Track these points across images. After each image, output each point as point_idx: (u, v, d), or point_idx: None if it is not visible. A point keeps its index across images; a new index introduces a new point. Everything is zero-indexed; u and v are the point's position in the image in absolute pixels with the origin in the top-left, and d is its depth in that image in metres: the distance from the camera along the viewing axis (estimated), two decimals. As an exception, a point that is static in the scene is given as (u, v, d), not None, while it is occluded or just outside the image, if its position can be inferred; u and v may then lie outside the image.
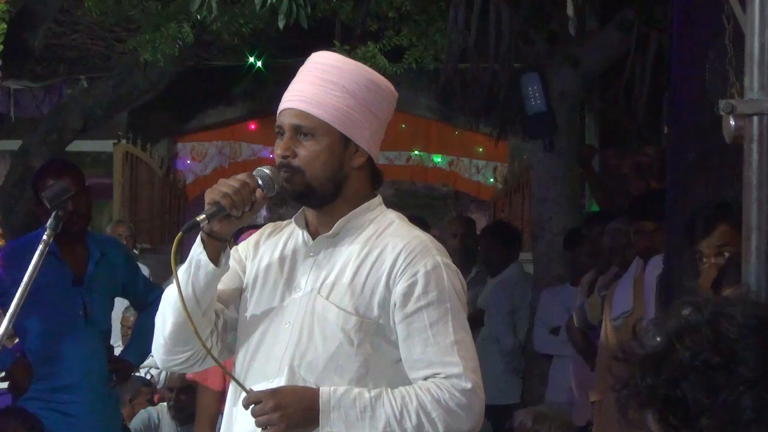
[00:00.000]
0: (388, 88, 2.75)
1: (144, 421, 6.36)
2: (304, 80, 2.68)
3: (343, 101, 2.64)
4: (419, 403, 2.56)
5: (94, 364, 4.58)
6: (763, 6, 2.49)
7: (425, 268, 2.61)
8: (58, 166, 4.73)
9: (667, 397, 1.40)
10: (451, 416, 2.57)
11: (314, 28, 5.75)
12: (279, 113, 2.69)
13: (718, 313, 1.41)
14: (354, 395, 2.55)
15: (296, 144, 2.63)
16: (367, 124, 2.68)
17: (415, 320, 2.60)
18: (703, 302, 1.45)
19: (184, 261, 2.66)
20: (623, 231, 5.68)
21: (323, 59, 2.71)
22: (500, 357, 6.90)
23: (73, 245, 4.57)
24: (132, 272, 4.79)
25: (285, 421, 2.53)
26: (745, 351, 1.38)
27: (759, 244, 2.46)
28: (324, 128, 2.63)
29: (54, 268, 4.39)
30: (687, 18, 4.34)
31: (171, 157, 12.08)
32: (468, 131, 10.96)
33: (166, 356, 2.73)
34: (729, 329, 1.39)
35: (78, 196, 4.33)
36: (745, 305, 1.43)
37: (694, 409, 1.37)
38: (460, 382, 2.58)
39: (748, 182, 2.48)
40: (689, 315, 1.44)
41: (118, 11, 8.11)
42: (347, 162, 2.67)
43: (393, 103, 2.77)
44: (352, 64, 2.73)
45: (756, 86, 2.50)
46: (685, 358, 1.39)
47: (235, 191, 2.56)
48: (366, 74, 2.71)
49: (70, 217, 4.38)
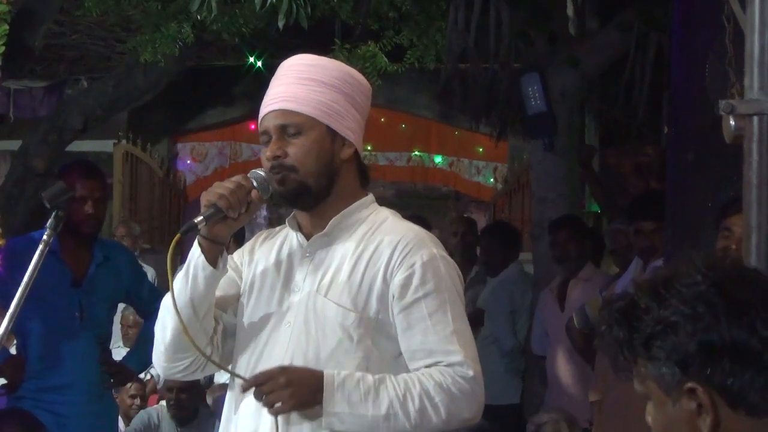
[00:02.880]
0: (364, 82, 2.76)
1: (144, 421, 6.36)
2: (281, 83, 2.69)
3: (324, 95, 2.64)
4: (422, 387, 2.57)
5: (88, 367, 4.57)
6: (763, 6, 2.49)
7: (422, 260, 2.61)
8: (89, 166, 4.81)
9: (630, 339, 1.68)
10: (453, 402, 2.57)
11: (314, 28, 5.75)
12: (261, 119, 2.69)
13: (678, 274, 1.67)
14: (358, 378, 2.56)
15: (285, 144, 2.63)
16: (350, 117, 2.68)
17: (414, 311, 2.60)
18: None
19: (183, 263, 2.66)
20: (623, 231, 5.69)
21: (296, 61, 2.72)
22: (500, 357, 6.90)
23: (78, 247, 4.58)
24: (137, 279, 4.79)
25: (295, 398, 2.53)
26: (675, 298, 1.65)
27: (759, 243, 2.46)
28: (310, 123, 2.63)
29: (54, 268, 4.40)
30: (687, 18, 4.34)
31: (171, 158, 12.08)
32: (468, 131, 10.95)
33: (166, 364, 2.73)
34: (680, 288, 1.65)
35: (100, 202, 4.53)
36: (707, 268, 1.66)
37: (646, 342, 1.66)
38: (463, 369, 2.59)
39: (748, 182, 2.49)
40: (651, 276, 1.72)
41: (118, 11, 8.11)
42: (337, 155, 2.67)
43: (369, 97, 2.78)
44: (326, 61, 2.74)
45: (756, 86, 2.50)
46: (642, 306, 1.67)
47: (230, 192, 2.56)
48: (342, 68, 2.73)
49: (87, 220, 4.46)
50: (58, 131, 9.05)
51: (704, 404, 1.61)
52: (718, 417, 1.61)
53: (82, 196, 4.48)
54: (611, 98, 7.43)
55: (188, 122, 12.01)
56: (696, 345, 1.61)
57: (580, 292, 6.16)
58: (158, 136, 11.75)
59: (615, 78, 7.12)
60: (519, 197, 10.85)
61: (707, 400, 1.61)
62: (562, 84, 6.88)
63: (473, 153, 11.99)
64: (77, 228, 4.49)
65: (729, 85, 2.94)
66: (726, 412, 1.62)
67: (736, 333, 1.60)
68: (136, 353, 4.84)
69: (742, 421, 1.62)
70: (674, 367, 1.63)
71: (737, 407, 1.61)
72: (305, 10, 5.24)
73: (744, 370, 1.60)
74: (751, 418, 1.62)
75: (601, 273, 6.44)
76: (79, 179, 4.51)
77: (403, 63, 8.25)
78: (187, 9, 6.40)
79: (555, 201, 6.98)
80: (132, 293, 4.77)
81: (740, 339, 1.60)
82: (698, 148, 4.20)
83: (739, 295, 1.63)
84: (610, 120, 8.60)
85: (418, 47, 8.05)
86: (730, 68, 2.97)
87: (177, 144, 12.24)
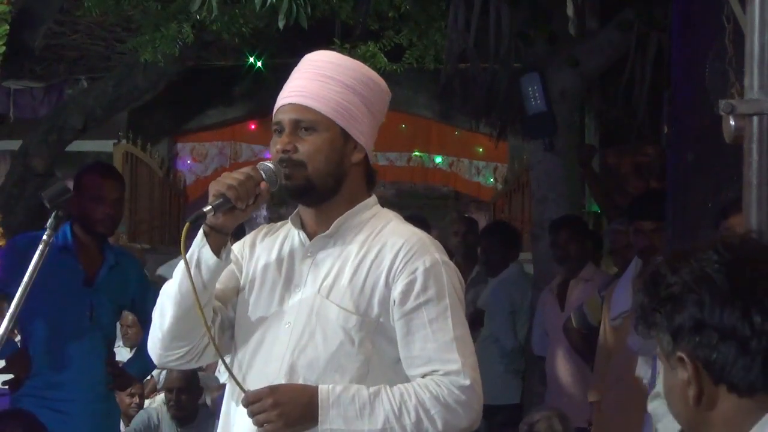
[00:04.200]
0: (384, 87, 2.75)
1: (144, 421, 6.36)
2: (301, 77, 2.68)
3: (342, 96, 2.63)
4: (418, 400, 2.56)
5: (94, 366, 4.59)
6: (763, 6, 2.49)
7: (424, 266, 2.60)
8: (107, 167, 5.02)
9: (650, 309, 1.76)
10: (449, 413, 2.56)
11: (314, 28, 5.75)
12: (277, 110, 2.68)
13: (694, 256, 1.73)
14: (353, 392, 2.55)
15: (297, 139, 2.63)
16: (365, 121, 2.68)
17: (415, 317, 2.59)
18: None
19: None
20: (624, 231, 5.68)
21: (320, 57, 2.72)
22: (500, 357, 6.90)
23: (90, 248, 4.63)
24: (143, 289, 4.81)
25: (284, 418, 2.52)
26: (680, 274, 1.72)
27: (759, 243, 2.46)
28: (325, 122, 2.62)
29: (68, 265, 4.51)
30: (687, 18, 4.34)
31: (171, 158, 12.08)
32: (468, 131, 10.96)
33: (163, 351, 2.72)
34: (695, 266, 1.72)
35: (117, 202, 4.63)
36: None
37: None
38: (459, 379, 2.57)
39: (748, 182, 2.49)
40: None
41: (118, 11, 8.11)
42: (347, 157, 2.66)
43: (387, 102, 2.77)
44: (349, 61, 2.73)
45: (756, 86, 2.50)
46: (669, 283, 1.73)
47: (240, 183, 2.55)
48: (363, 71, 2.71)
49: (104, 220, 4.51)
50: (58, 131, 9.05)
51: (690, 375, 1.69)
52: (702, 389, 1.69)
53: (102, 196, 4.55)
54: (611, 98, 7.41)
55: (188, 122, 12.02)
56: (688, 319, 1.68)
57: (581, 292, 6.17)
58: (158, 136, 11.76)
59: (615, 78, 7.11)
60: (519, 197, 10.86)
61: (693, 371, 1.69)
62: (562, 84, 6.87)
63: (473, 153, 12.00)
64: (94, 227, 4.58)
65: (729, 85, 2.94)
66: (709, 385, 1.69)
67: (728, 317, 1.66)
68: (137, 360, 4.86)
69: (724, 397, 1.69)
70: (669, 336, 1.71)
71: (719, 382, 1.68)
72: (305, 10, 5.23)
73: (728, 348, 1.66)
74: (732, 394, 1.68)
75: (601, 273, 6.44)
76: (99, 179, 4.59)
77: (402, 63, 8.26)
78: (187, 9, 6.40)
79: (555, 201, 6.98)
80: (137, 302, 4.79)
81: (730, 324, 1.66)
82: (698, 148, 4.20)
83: (744, 278, 1.67)
84: (610, 120, 8.59)
85: (417, 47, 8.06)
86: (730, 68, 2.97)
87: (177, 144, 12.25)
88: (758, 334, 1.65)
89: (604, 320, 5.40)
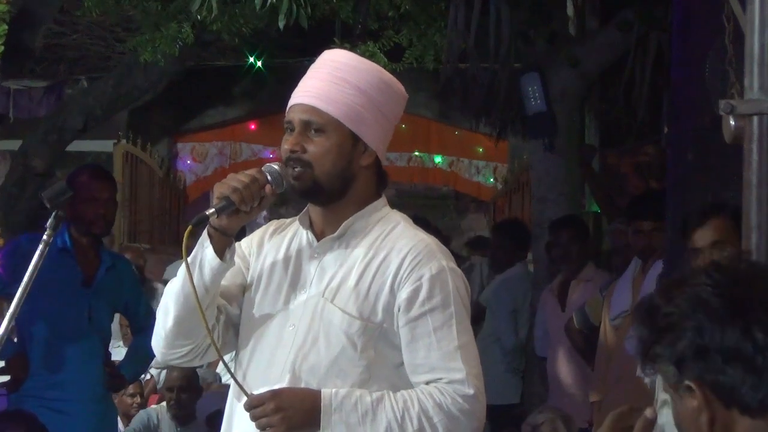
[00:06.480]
0: (400, 90, 2.73)
1: (143, 421, 6.36)
2: (315, 77, 2.67)
3: (354, 99, 2.62)
4: (421, 407, 2.55)
5: (92, 366, 4.62)
6: (763, 6, 2.49)
7: (430, 273, 2.59)
8: (99, 169, 5.09)
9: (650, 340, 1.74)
10: (452, 421, 2.55)
11: (314, 28, 5.75)
12: (289, 108, 2.67)
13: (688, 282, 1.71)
14: (355, 398, 2.54)
15: (306, 140, 2.62)
16: (377, 124, 2.66)
17: (419, 325, 2.58)
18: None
19: None
20: (624, 231, 5.68)
21: (336, 57, 2.71)
22: (502, 356, 6.90)
23: (88, 249, 4.68)
24: (136, 294, 4.88)
25: (286, 423, 2.52)
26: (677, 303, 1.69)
27: (759, 243, 2.46)
28: (334, 125, 2.61)
29: (67, 266, 4.55)
30: (687, 18, 4.34)
31: (171, 157, 12.09)
32: (468, 131, 10.97)
33: (166, 349, 2.71)
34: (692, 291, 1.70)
35: (109, 203, 4.68)
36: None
37: None
38: (463, 387, 2.56)
39: (748, 182, 2.49)
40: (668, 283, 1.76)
41: (118, 11, 8.11)
42: (356, 161, 2.65)
43: (403, 105, 2.76)
44: (365, 63, 2.72)
45: (756, 86, 2.50)
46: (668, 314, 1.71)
47: (245, 186, 2.55)
48: (379, 74, 2.70)
49: (97, 220, 4.56)
50: (58, 131, 9.06)
51: (699, 402, 1.66)
52: (714, 415, 1.66)
53: (93, 196, 4.59)
54: (611, 98, 7.42)
55: (188, 122, 12.02)
56: (690, 346, 1.66)
57: (582, 293, 6.16)
58: (158, 136, 11.76)
59: (615, 78, 7.12)
60: (519, 197, 10.85)
61: (702, 398, 1.66)
62: (562, 84, 6.87)
63: (473, 153, 12.01)
64: (88, 228, 4.63)
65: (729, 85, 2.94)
66: (721, 410, 1.66)
67: (729, 338, 1.63)
68: (128, 363, 4.89)
69: (737, 420, 1.65)
70: (673, 366, 1.68)
71: (730, 406, 1.65)
72: (305, 10, 5.24)
73: (734, 369, 1.64)
74: (745, 417, 1.65)
75: (602, 273, 6.43)
76: (90, 180, 4.63)
77: (402, 63, 8.25)
78: (187, 9, 6.41)
79: (555, 201, 6.98)
80: (130, 306, 4.85)
81: (732, 344, 1.63)
82: (698, 148, 4.20)
83: (740, 298, 1.65)
84: (610, 120, 8.59)
85: (417, 47, 8.05)
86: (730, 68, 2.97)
87: (177, 144, 12.26)
88: (762, 350, 1.63)
89: (604, 320, 5.40)
